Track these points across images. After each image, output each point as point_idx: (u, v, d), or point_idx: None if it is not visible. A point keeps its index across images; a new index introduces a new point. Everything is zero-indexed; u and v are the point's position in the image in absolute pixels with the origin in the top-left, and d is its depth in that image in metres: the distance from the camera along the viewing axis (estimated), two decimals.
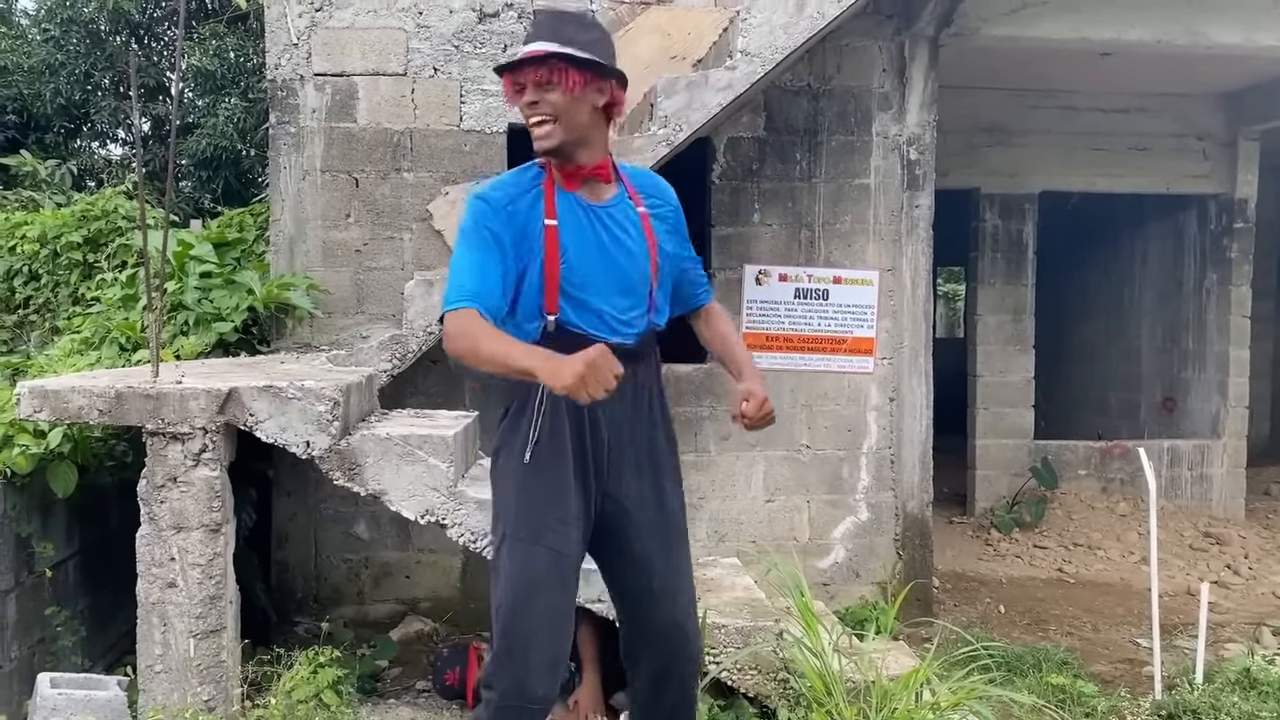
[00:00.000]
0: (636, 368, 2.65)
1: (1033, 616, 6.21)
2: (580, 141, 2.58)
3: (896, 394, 5.94)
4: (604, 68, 2.56)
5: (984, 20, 5.93)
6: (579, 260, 2.61)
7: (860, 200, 5.92)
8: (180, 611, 3.54)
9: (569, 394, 2.21)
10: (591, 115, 2.58)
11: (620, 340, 2.61)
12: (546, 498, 2.63)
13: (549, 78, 2.51)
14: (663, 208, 2.80)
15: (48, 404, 3.46)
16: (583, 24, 2.64)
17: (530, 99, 2.53)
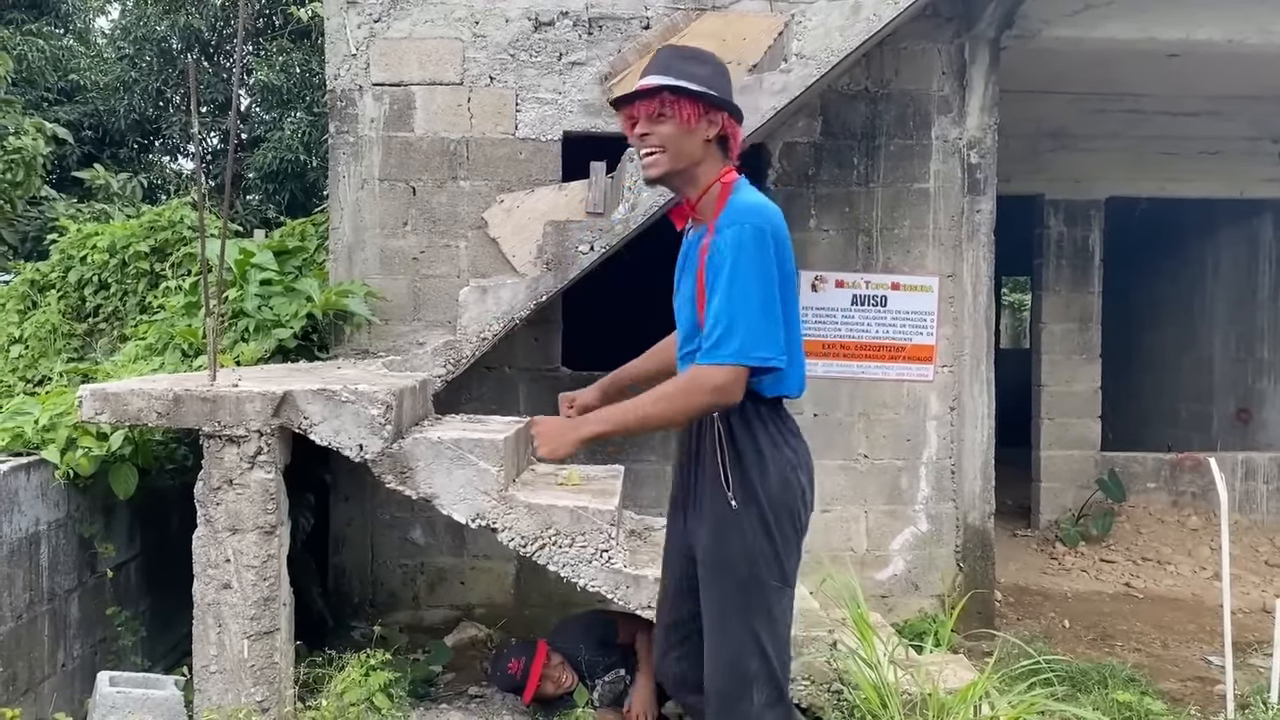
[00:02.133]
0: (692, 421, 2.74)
1: (1098, 632, 6.04)
2: (687, 175, 2.63)
3: (957, 402, 5.83)
4: (716, 99, 2.59)
5: (1046, 22, 5.81)
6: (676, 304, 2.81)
7: (919, 205, 5.83)
8: (235, 613, 3.57)
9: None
10: (704, 148, 2.62)
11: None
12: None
13: (661, 110, 2.56)
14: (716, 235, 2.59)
15: (108, 406, 3.52)
16: (698, 59, 2.67)
17: (642, 131, 2.59)
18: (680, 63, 2.60)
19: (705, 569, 2.71)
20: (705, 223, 2.64)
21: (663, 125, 2.57)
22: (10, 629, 3.52)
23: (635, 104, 2.59)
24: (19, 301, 7.30)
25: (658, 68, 2.60)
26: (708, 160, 2.63)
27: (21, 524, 3.58)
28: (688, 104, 2.55)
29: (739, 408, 2.62)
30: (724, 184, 2.63)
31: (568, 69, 5.68)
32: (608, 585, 3.63)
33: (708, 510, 2.68)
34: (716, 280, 2.52)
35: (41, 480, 3.71)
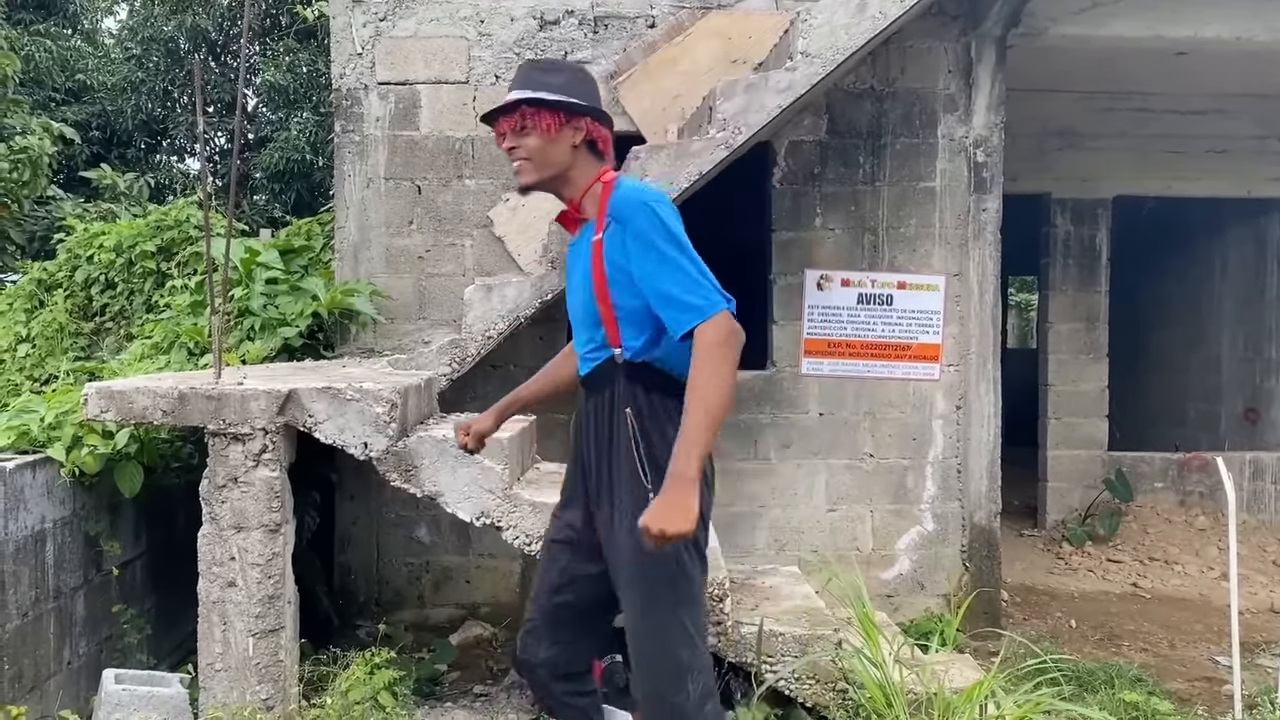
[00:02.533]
0: (595, 400, 2.73)
1: (1105, 632, 6.02)
2: (561, 180, 2.70)
3: (963, 402, 5.81)
4: (575, 106, 2.65)
5: (1053, 20, 5.79)
6: (569, 306, 2.83)
7: (925, 204, 5.82)
8: (240, 610, 3.57)
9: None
10: (571, 154, 2.68)
11: (582, 372, 2.78)
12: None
13: (523, 122, 2.64)
14: (617, 225, 2.59)
15: (114, 404, 3.52)
16: (556, 69, 2.75)
17: (509, 145, 2.68)
18: (538, 74, 2.69)
19: (629, 567, 2.63)
20: (590, 220, 2.69)
21: (527, 137, 2.65)
22: (16, 626, 3.52)
23: (499, 119, 2.69)
24: (26, 301, 7.31)
25: (517, 82, 2.69)
26: (579, 164, 2.70)
27: (28, 521, 3.58)
28: (547, 114, 2.63)
29: (648, 400, 2.63)
30: (604, 183, 2.69)
31: None
32: None
33: (629, 506, 2.61)
34: (649, 257, 2.51)
35: (47, 478, 3.72)
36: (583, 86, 2.72)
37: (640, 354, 2.63)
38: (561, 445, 5.67)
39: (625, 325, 2.63)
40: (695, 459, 2.35)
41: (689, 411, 2.40)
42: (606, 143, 2.75)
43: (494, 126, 2.72)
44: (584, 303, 2.71)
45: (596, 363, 2.71)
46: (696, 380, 2.42)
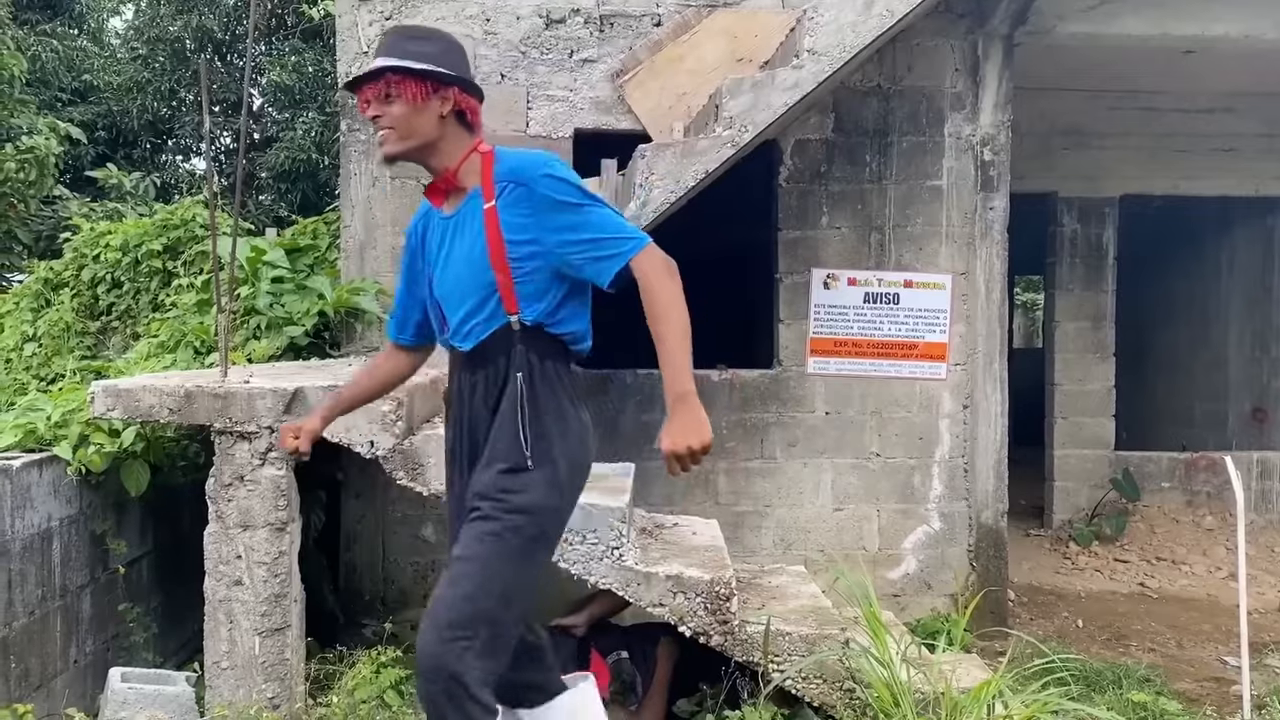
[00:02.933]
0: (485, 372, 2.66)
1: (1112, 632, 6.00)
2: (427, 150, 2.66)
3: (970, 401, 5.80)
4: (443, 76, 2.61)
5: (1060, 18, 5.77)
6: (438, 280, 2.75)
7: (932, 202, 5.80)
8: (246, 609, 3.57)
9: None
10: (439, 125, 2.63)
11: (466, 346, 2.70)
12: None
13: (387, 90, 2.60)
14: (517, 189, 2.59)
15: (120, 403, 3.52)
16: (426, 38, 2.69)
17: (373, 113, 2.63)
18: (406, 43, 2.63)
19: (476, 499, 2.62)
20: (471, 190, 2.66)
21: (392, 106, 2.60)
22: (23, 624, 3.52)
23: (363, 87, 2.64)
24: (33, 300, 7.33)
25: (384, 50, 2.63)
26: (448, 135, 2.65)
27: (34, 520, 3.58)
28: (413, 83, 2.59)
29: (541, 367, 2.65)
30: (483, 154, 2.67)
31: (579, 66, 5.68)
32: (618, 582, 3.62)
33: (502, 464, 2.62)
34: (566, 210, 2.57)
35: (54, 477, 3.72)
36: (452, 57, 2.68)
37: (538, 318, 2.64)
38: None
39: (523, 290, 2.63)
40: (689, 376, 2.48)
41: (666, 336, 2.50)
42: (476, 113, 2.71)
43: (358, 95, 2.66)
44: (469, 274, 2.65)
45: (487, 334, 2.66)
46: (660, 302, 2.51)
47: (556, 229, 2.57)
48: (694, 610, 3.60)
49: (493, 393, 2.66)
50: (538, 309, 2.64)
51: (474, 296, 2.65)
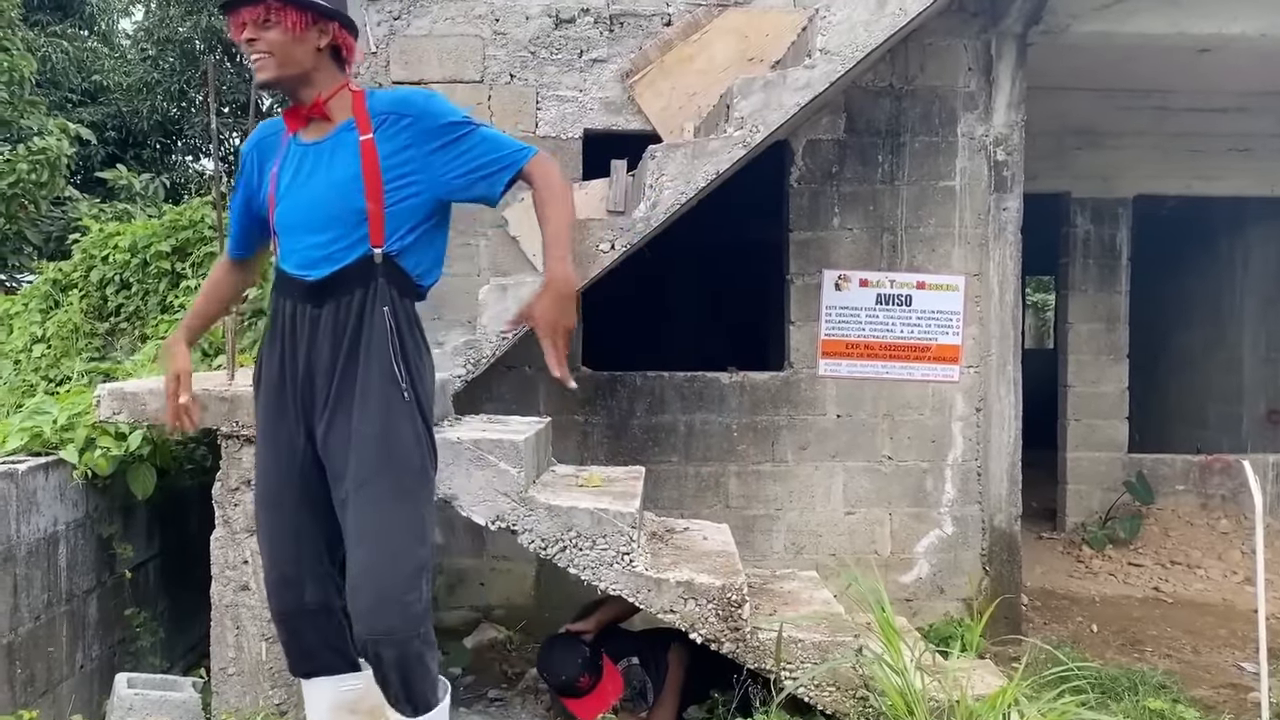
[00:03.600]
0: (334, 304, 2.65)
1: (1127, 637, 5.94)
2: (301, 79, 2.67)
3: (983, 403, 5.74)
4: (324, 9, 2.64)
5: (1074, 16, 5.71)
6: (285, 204, 2.72)
7: (945, 203, 5.75)
8: (253, 615, 3.54)
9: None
10: (315, 57, 2.65)
11: (314, 275, 2.66)
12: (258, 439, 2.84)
13: (266, 16, 2.60)
14: (402, 121, 2.67)
15: (126, 406, 3.50)
16: None
17: (249, 36, 2.62)
18: None
19: (376, 461, 2.62)
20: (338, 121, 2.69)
21: (269, 31, 2.60)
22: (29, 629, 3.50)
23: (241, 10, 2.61)
24: (42, 301, 7.31)
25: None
26: (322, 68, 2.68)
27: (40, 524, 3.56)
28: (294, 12, 2.60)
29: (402, 303, 2.68)
30: (354, 92, 2.71)
31: (589, 66, 5.64)
32: (629, 588, 3.57)
33: (375, 402, 2.63)
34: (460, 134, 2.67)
35: (60, 480, 3.69)
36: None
37: (397, 249, 2.67)
38: (578, 447, 5.65)
39: (392, 222, 2.66)
40: (570, 259, 2.62)
41: (556, 219, 2.65)
42: (351, 52, 2.76)
43: (232, 17, 2.64)
44: (334, 202, 2.64)
45: (342, 264, 2.65)
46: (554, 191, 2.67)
47: (445, 157, 2.66)
48: (705, 617, 3.55)
49: (342, 329, 2.64)
50: (401, 241, 2.68)
51: (337, 226, 2.65)
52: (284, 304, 2.72)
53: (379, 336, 2.64)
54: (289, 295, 2.71)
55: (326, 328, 2.65)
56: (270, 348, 2.75)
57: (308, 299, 2.67)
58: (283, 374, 2.71)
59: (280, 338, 2.72)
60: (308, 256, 2.68)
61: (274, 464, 2.77)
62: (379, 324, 2.64)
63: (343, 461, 2.64)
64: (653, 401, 5.72)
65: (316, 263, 2.67)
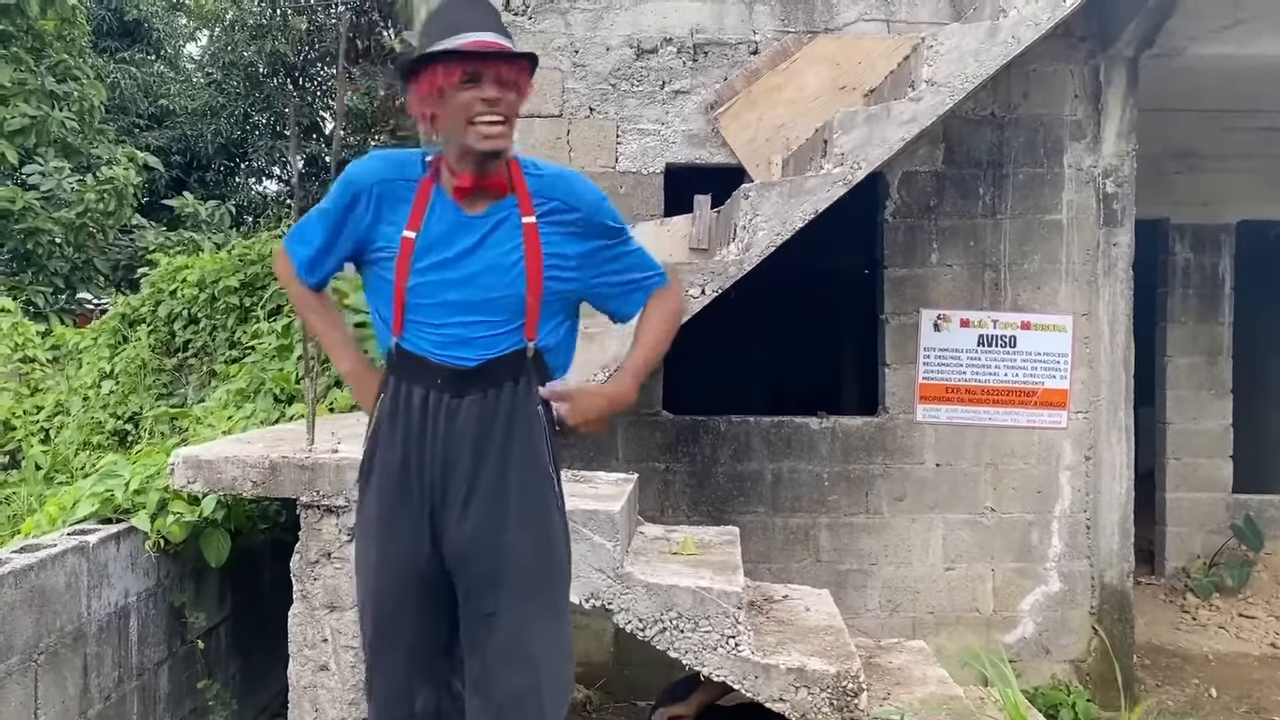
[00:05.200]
0: (477, 395, 2.35)
1: (1252, 704, 5.52)
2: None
3: (1093, 452, 5.38)
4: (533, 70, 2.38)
5: (1191, 39, 5.34)
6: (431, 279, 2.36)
7: (1051, 238, 5.41)
8: (332, 697, 3.32)
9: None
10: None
11: (462, 363, 2.35)
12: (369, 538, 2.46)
13: (515, 76, 2.31)
14: (568, 213, 2.41)
15: (201, 475, 3.30)
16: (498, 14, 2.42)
17: (492, 96, 2.25)
18: (496, 20, 2.34)
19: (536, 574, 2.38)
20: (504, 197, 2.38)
21: (510, 94, 2.29)
22: (99, 710, 3.31)
23: (495, 64, 2.26)
24: (110, 336, 7.24)
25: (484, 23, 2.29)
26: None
27: (111, 598, 3.37)
28: (527, 76, 2.34)
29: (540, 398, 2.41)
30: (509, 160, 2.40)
31: (671, 98, 5.41)
32: (735, 675, 3.29)
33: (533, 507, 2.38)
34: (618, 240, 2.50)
35: (132, 549, 3.51)
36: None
37: (546, 345, 2.42)
38: (658, 496, 5.38)
39: (545, 315, 2.40)
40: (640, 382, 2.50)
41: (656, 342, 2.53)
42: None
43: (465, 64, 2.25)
44: (491, 284, 2.35)
45: (499, 353, 2.36)
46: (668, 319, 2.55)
47: (602, 260, 2.47)
48: (819, 707, 3.26)
49: (490, 421, 2.35)
50: (550, 337, 2.43)
51: (493, 312, 2.37)
52: (411, 388, 2.38)
53: (535, 435, 2.38)
54: (419, 379, 2.37)
55: (469, 420, 2.35)
56: (390, 435, 2.39)
57: (447, 386, 2.36)
58: (407, 466, 2.37)
59: (405, 425, 2.38)
60: (455, 338, 2.36)
61: (391, 565, 2.42)
62: (535, 422, 2.38)
63: (490, 568, 2.37)
64: (737, 448, 5.43)
65: (465, 348, 2.36)
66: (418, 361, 2.37)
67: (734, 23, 5.42)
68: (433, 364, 2.36)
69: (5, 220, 9.75)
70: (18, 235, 9.85)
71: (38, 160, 10.37)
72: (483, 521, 2.35)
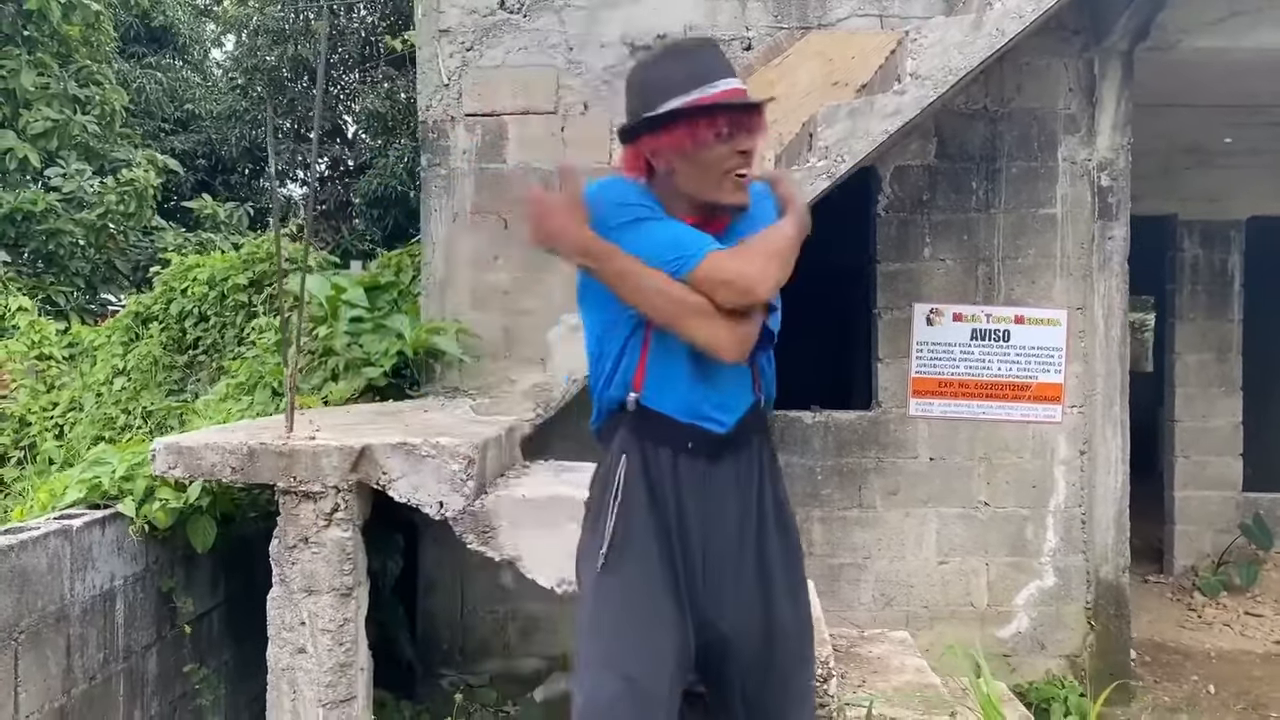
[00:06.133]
0: (739, 455, 2.16)
1: (1250, 700, 5.47)
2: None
3: (1088, 446, 5.37)
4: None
5: (1185, 31, 5.33)
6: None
7: (1045, 232, 5.40)
8: (310, 679, 3.38)
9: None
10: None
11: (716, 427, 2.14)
12: (627, 615, 2.10)
13: (761, 125, 2.12)
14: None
15: (182, 460, 3.37)
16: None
17: (748, 146, 2.09)
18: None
19: (803, 653, 2.24)
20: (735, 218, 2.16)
21: (756, 140, 2.11)
22: (83, 691, 3.38)
23: (749, 115, 2.07)
24: (123, 333, 7.36)
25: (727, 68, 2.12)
26: None
27: (96, 581, 3.45)
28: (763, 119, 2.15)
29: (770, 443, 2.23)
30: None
31: None
32: None
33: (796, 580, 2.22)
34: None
35: (118, 534, 3.58)
36: None
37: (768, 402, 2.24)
38: None
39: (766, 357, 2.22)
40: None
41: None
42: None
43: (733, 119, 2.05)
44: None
45: (745, 411, 2.18)
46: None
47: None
48: None
49: (746, 490, 2.15)
50: (770, 388, 2.25)
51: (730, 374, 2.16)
52: (659, 452, 2.14)
53: (782, 499, 2.23)
54: (668, 442, 2.13)
55: (727, 489, 2.14)
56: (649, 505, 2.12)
57: (701, 451, 2.14)
58: (668, 541, 2.12)
59: (659, 494, 2.12)
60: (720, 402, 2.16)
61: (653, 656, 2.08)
62: (780, 483, 2.23)
63: (761, 653, 2.18)
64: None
65: (726, 409, 2.16)
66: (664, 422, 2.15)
67: (727, 19, 5.46)
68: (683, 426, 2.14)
69: (28, 221, 9.95)
70: (40, 236, 10.05)
71: (60, 163, 10.57)
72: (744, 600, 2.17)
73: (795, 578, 2.22)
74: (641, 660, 2.07)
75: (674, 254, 2.06)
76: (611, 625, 2.11)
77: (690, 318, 2.06)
